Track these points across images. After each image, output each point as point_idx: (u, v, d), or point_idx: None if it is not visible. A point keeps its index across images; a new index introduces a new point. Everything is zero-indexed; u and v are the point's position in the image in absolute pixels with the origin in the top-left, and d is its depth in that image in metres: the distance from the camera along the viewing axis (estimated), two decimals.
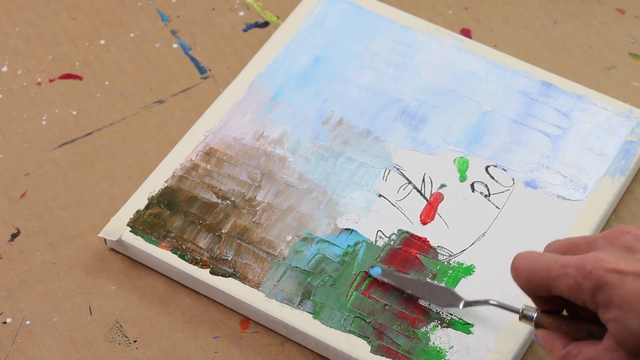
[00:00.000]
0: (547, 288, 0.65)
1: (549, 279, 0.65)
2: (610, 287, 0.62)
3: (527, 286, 0.67)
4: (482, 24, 0.94)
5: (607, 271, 0.62)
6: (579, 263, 0.64)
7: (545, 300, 0.68)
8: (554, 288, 0.65)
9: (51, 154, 0.87)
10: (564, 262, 0.64)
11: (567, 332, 0.67)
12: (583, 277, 0.63)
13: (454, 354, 0.75)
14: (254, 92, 0.88)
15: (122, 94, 0.91)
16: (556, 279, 0.64)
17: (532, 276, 0.66)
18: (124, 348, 0.78)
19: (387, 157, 0.84)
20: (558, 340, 0.67)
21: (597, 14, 0.95)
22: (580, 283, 0.63)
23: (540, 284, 0.66)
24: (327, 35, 0.91)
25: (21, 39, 0.94)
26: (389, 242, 0.80)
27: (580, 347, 0.66)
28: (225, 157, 0.84)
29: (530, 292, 0.67)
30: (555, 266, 0.65)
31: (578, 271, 0.63)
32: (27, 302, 0.80)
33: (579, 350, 0.65)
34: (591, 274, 0.63)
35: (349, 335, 0.76)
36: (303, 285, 0.78)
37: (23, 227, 0.83)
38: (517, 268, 0.67)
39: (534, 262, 0.66)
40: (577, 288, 0.64)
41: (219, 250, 0.80)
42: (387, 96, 0.88)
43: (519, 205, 0.82)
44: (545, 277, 0.65)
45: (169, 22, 0.95)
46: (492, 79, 0.88)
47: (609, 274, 0.62)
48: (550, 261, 0.65)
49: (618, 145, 0.84)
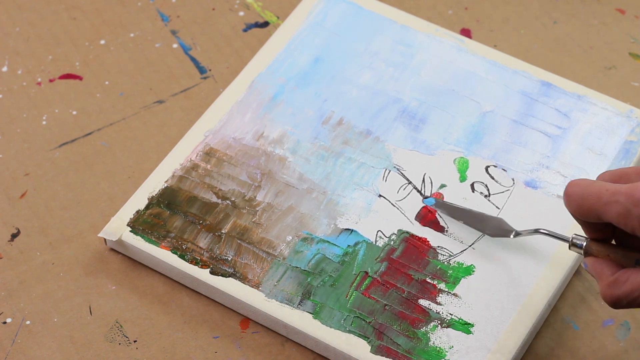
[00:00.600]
0: (597, 214, 0.66)
1: (599, 205, 0.66)
2: None
3: (579, 212, 0.68)
4: (482, 24, 0.94)
5: None
6: (628, 191, 0.65)
7: (594, 228, 0.69)
8: (604, 214, 0.66)
9: (51, 154, 0.87)
10: (615, 190, 0.65)
11: (616, 260, 0.69)
12: (632, 204, 0.64)
13: (454, 354, 0.75)
14: (254, 92, 0.88)
15: (122, 94, 0.91)
16: (607, 206, 0.66)
17: (584, 202, 0.67)
18: (124, 348, 0.78)
19: (387, 157, 0.84)
20: (607, 267, 0.68)
21: (597, 14, 0.95)
22: (630, 210, 0.64)
23: (590, 210, 0.67)
24: (327, 35, 0.91)
25: (21, 39, 0.94)
26: (389, 242, 0.80)
27: (629, 274, 0.67)
28: (225, 157, 0.84)
29: (581, 219, 0.69)
30: (606, 193, 0.66)
31: (628, 198, 0.65)
32: (27, 302, 0.80)
33: (627, 276, 0.67)
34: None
35: (349, 335, 0.76)
36: (303, 285, 0.78)
37: (23, 227, 0.83)
38: (569, 194, 0.68)
39: (585, 189, 0.67)
40: (626, 215, 0.65)
41: (219, 250, 0.80)
42: (387, 96, 0.88)
43: (519, 205, 0.82)
44: (595, 204, 0.66)
45: (169, 22, 0.95)
46: (492, 79, 0.88)
47: None
48: (601, 188, 0.66)
49: (618, 145, 0.84)
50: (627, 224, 0.65)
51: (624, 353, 0.77)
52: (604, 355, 0.77)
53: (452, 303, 0.77)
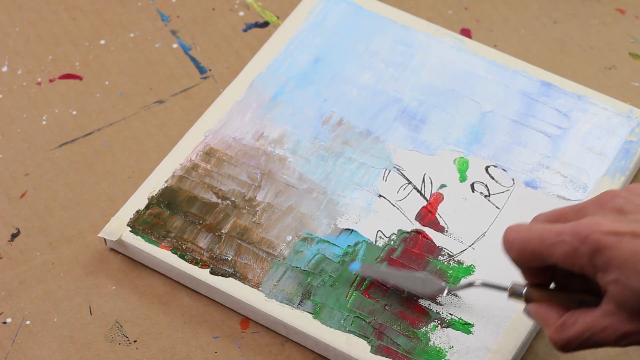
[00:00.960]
0: (541, 257, 0.65)
1: (543, 248, 0.64)
2: (608, 249, 0.62)
3: (521, 257, 0.66)
4: (482, 24, 0.94)
5: (604, 234, 0.62)
6: (573, 229, 0.63)
7: (534, 273, 0.68)
8: (549, 257, 0.64)
9: (51, 154, 0.87)
10: (558, 230, 0.64)
11: (559, 304, 0.67)
12: (580, 242, 0.63)
13: (454, 354, 0.75)
14: (254, 92, 0.88)
15: (122, 94, 0.91)
16: (551, 247, 0.64)
17: (526, 246, 0.65)
18: (124, 348, 0.78)
19: (387, 157, 0.84)
20: (551, 312, 0.67)
21: (597, 14, 0.95)
22: (577, 248, 0.63)
23: (534, 253, 0.65)
24: (327, 35, 0.91)
25: (21, 39, 0.94)
26: (388, 242, 0.80)
27: (576, 315, 0.65)
28: (225, 157, 0.84)
29: (522, 264, 0.67)
30: (549, 234, 0.64)
31: (574, 237, 0.63)
32: (27, 302, 0.80)
33: (575, 318, 0.65)
34: (588, 238, 0.62)
35: (349, 335, 0.76)
36: (303, 285, 0.78)
37: (23, 227, 0.83)
38: (510, 240, 0.66)
39: (526, 233, 0.65)
40: (573, 254, 0.63)
41: (219, 250, 0.80)
42: (387, 96, 0.88)
43: (519, 206, 0.82)
44: (538, 247, 0.65)
45: (169, 22, 0.95)
46: (492, 79, 0.88)
47: (606, 236, 0.62)
48: (542, 230, 0.65)
49: (618, 145, 0.84)
50: (574, 263, 0.63)
51: (624, 354, 0.77)
52: (604, 355, 0.77)
53: (452, 303, 0.77)
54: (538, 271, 0.68)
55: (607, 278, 0.62)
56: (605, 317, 0.64)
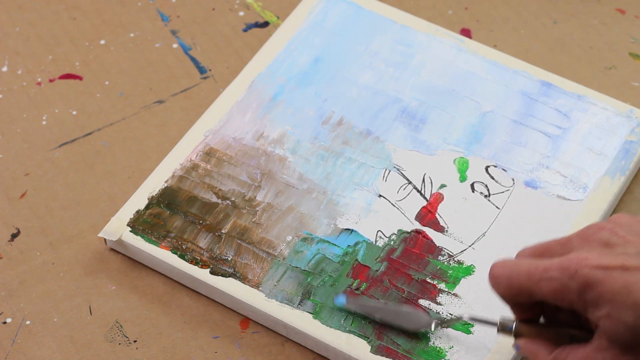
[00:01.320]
0: (528, 294, 0.64)
1: (530, 284, 0.64)
2: (598, 284, 0.61)
3: (508, 293, 0.66)
4: (482, 24, 0.94)
5: (593, 268, 0.62)
6: (561, 264, 0.63)
7: (523, 309, 0.67)
8: (537, 293, 0.64)
9: (51, 154, 0.87)
10: (546, 266, 0.63)
11: (549, 339, 0.67)
12: (568, 277, 0.62)
13: (454, 354, 0.75)
14: (254, 92, 0.88)
15: (122, 94, 0.91)
16: (539, 283, 0.64)
17: (513, 282, 0.65)
18: (124, 348, 0.78)
19: (387, 157, 0.84)
20: (542, 347, 0.66)
21: (597, 14, 0.95)
22: (566, 284, 0.62)
23: (521, 289, 0.65)
24: (327, 35, 0.91)
25: (21, 39, 0.94)
26: (388, 242, 0.80)
27: (567, 351, 0.65)
28: (225, 157, 0.84)
29: (510, 300, 0.67)
30: (537, 270, 0.64)
31: (562, 272, 0.62)
32: (27, 302, 0.80)
33: (566, 354, 0.65)
34: (576, 273, 0.62)
35: (349, 335, 0.76)
36: (303, 285, 0.78)
37: (23, 227, 0.83)
38: (496, 276, 0.66)
39: (513, 268, 0.65)
40: (562, 290, 0.63)
41: (219, 250, 0.80)
42: (387, 96, 0.88)
43: (519, 206, 0.82)
44: (526, 283, 0.64)
45: (169, 22, 0.95)
46: (492, 79, 0.88)
47: (595, 270, 0.62)
48: (529, 266, 0.64)
49: (618, 145, 0.84)
50: (564, 299, 0.63)
51: None
52: None
53: (452, 303, 0.77)
54: (527, 307, 0.67)
55: (598, 313, 0.62)
56: (598, 352, 0.63)
